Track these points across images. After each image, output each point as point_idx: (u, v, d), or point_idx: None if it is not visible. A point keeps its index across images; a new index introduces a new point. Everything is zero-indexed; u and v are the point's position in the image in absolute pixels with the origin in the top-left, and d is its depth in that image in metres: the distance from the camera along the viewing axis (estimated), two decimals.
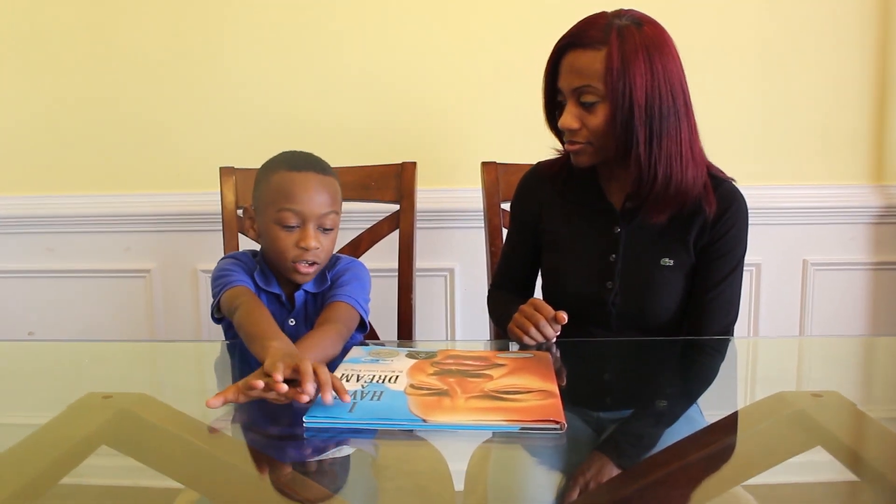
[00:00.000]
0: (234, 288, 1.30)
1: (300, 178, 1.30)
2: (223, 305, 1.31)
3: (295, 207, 1.28)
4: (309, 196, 1.29)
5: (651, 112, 1.26)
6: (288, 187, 1.29)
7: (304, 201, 1.28)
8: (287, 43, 2.11)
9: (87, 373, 1.30)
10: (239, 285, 1.31)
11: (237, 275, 1.33)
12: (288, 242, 1.29)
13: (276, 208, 1.29)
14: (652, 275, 1.38)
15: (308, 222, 1.29)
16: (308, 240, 1.28)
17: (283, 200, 1.29)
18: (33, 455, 0.91)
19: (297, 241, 1.29)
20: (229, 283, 1.31)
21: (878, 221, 2.16)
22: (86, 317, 2.24)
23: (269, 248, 1.34)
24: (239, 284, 1.31)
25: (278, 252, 1.31)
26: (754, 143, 2.13)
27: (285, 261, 1.31)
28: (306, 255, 1.29)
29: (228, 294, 1.30)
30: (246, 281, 1.33)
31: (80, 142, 2.18)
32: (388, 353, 1.21)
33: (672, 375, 1.31)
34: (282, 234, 1.29)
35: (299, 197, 1.28)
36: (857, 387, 1.24)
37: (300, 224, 1.29)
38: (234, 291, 1.29)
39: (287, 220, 1.29)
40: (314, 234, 1.29)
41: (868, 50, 2.10)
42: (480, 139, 2.11)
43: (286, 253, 1.30)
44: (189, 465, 0.91)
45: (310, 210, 1.29)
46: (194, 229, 2.17)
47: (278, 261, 1.32)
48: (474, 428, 0.94)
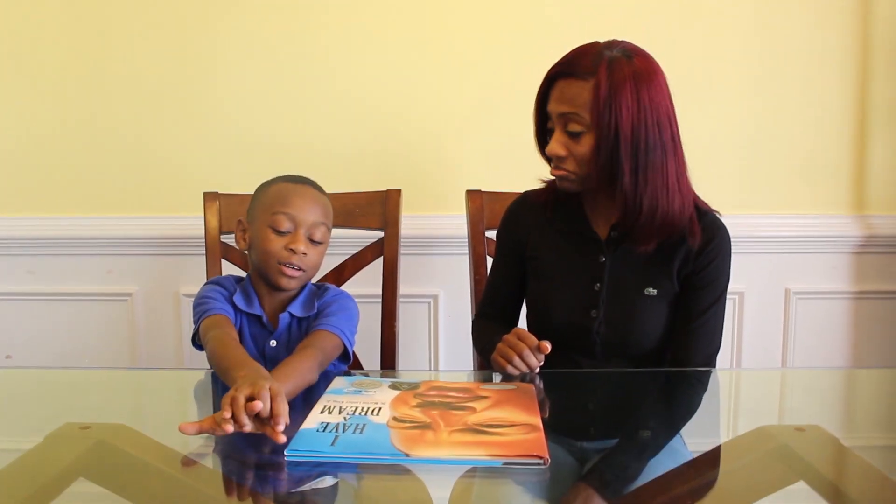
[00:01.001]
0: (210, 317, 1.32)
1: (297, 188, 1.37)
2: (201, 334, 1.32)
3: (289, 211, 1.33)
4: (303, 203, 1.34)
5: (637, 143, 1.26)
6: (284, 194, 1.35)
7: (298, 207, 1.33)
8: (273, 68, 2.11)
9: (65, 401, 1.29)
10: (215, 314, 1.33)
11: (215, 302, 1.35)
12: (278, 245, 1.32)
13: (270, 212, 1.34)
14: (636, 304, 1.38)
15: (300, 228, 1.33)
16: (298, 243, 1.32)
17: (279, 205, 1.34)
18: (12, 486, 0.90)
19: (287, 243, 1.32)
20: (206, 312, 1.33)
21: (859, 251, 2.18)
22: (66, 340, 2.22)
23: (258, 253, 1.35)
24: (215, 313, 1.33)
25: (267, 253, 1.33)
26: (737, 172, 2.15)
27: (272, 262, 1.33)
28: (293, 258, 1.32)
29: (205, 323, 1.32)
30: (224, 308, 1.35)
31: (63, 164, 2.16)
32: (371, 384, 1.21)
33: (655, 406, 1.31)
34: (273, 237, 1.33)
35: (294, 203, 1.34)
36: (840, 419, 1.25)
37: (292, 229, 1.33)
38: (210, 321, 1.31)
39: (280, 224, 1.33)
40: (304, 240, 1.33)
41: (849, 81, 2.12)
42: (465, 167, 2.12)
43: (275, 254, 1.32)
44: (167, 497, 0.91)
45: (303, 217, 1.33)
46: (177, 253, 2.16)
47: (265, 263, 1.34)
48: (457, 462, 0.94)
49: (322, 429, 1.00)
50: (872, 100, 2.12)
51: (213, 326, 1.29)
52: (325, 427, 1.00)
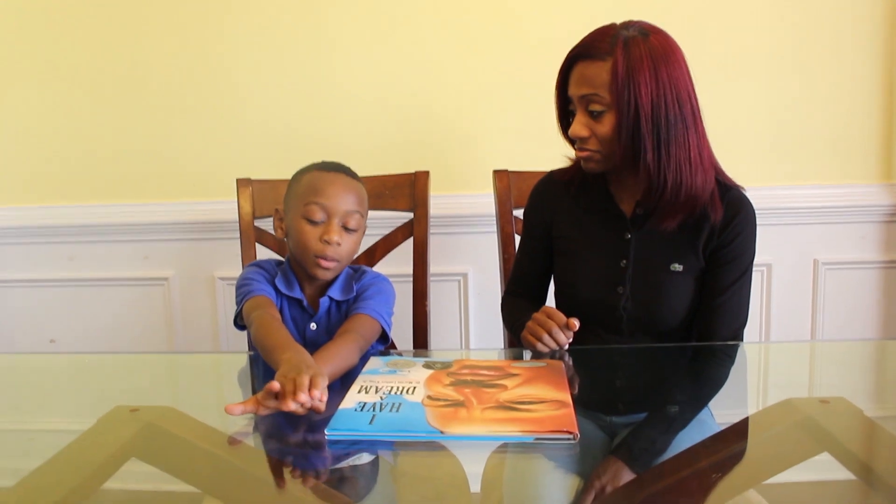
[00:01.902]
0: (253, 298, 1.34)
1: (329, 176, 1.36)
2: (244, 314, 1.34)
3: (321, 201, 1.33)
4: (336, 192, 1.34)
5: (657, 120, 1.28)
6: (316, 184, 1.35)
7: (330, 196, 1.34)
8: (301, 57, 2.14)
9: (114, 385, 1.34)
10: (258, 295, 1.35)
11: (258, 283, 1.37)
12: (312, 236, 1.34)
13: (304, 202, 1.34)
14: (662, 280, 1.40)
15: (333, 217, 1.34)
16: (331, 233, 1.33)
17: (312, 195, 1.34)
18: (72, 466, 0.95)
19: (321, 234, 1.33)
20: (250, 293, 1.35)
21: (888, 220, 2.16)
22: (106, 324, 2.28)
23: (294, 243, 1.37)
24: (259, 294, 1.35)
25: (302, 245, 1.35)
26: (764, 143, 2.15)
27: (308, 254, 1.35)
28: (328, 249, 1.33)
29: (248, 304, 1.34)
30: (266, 290, 1.37)
31: (100, 153, 2.21)
32: (406, 363, 1.24)
33: (683, 381, 1.33)
34: (307, 228, 1.34)
35: (326, 192, 1.34)
36: (865, 391, 1.26)
37: (325, 219, 1.34)
38: (253, 302, 1.33)
39: (313, 214, 1.33)
40: (338, 230, 1.34)
41: (877, 50, 2.10)
42: (492, 147, 2.14)
43: (310, 245, 1.34)
44: (212, 475, 0.94)
45: (335, 206, 1.34)
46: (212, 237, 2.20)
47: (302, 254, 1.36)
48: (490, 439, 0.97)
49: (360, 408, 1.03)
50: None
51: (257, 307, 1.31)
52: (363, 406, 1.04)
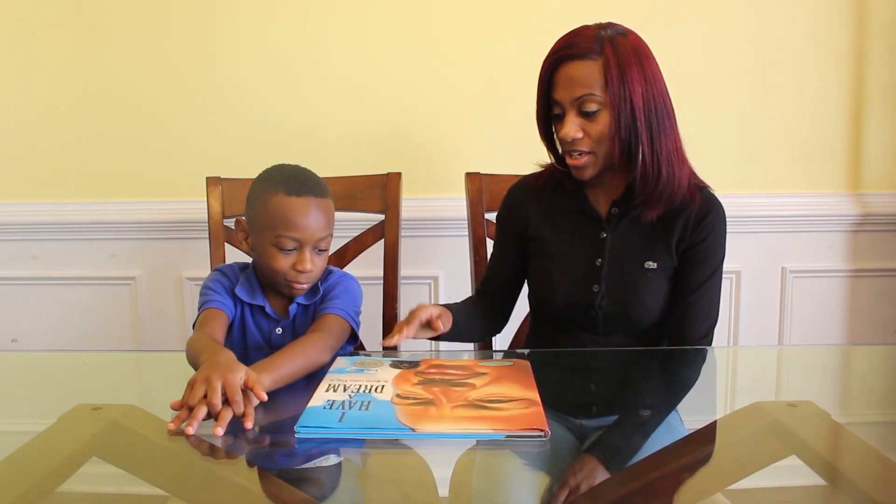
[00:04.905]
0: (206, 311, 1.33)
1: (299, 204, 1.30)
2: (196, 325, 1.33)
3: (293, 235, 1.30)
4: (307, 223, 1.30)
5: (649, 114, 1.32)
6: (286, 214, 1.30)
7: (302, 228, 1.30)
8: (274, 52, 2.12)
9: (75, 384, 1.31)
10: (210, 308, 1.33)
11: (214, 295, 1.36)
12: (284, 264, 1.31)
13: (274, 233, 1.30)
14: (636, 277, 1.41)
15: (305, 247, 1.31)
16: (304, 263, 1.31)
17: (282, 227, 1.30)
18: (30, 465, 0.92)
19: (294, 263, 1.31)
20: (204, 304, 1.35)
21: (855, 229, 2.20)
22: (70, 324, 2.24)
23: (264, 266, 1.35)
24: (211, 307, 1.34)
25: (273, 270, 1.33)
26: (733, 152, 2.17)
27: (279, 278, 1.33)
28: (301, 276, 1.32)
29: (201, 316, 1.33)
30: (222, 301, 1.35)
31: (66, 149, 2.18)
32: (373, 363, 1.23)
33: (652, 384, 1.33)
34: (279, 256, 1.31)
35: (298, 224, 1.30)
36: (832, 395, 1.27)
37: (297, 248, 1.31)
38: (203, 316, 1.32)
39: (285, 245, 1.30)
40: (310, 258, 1.32)
41: (845, 61, 2.14)
42: (465, 149, 2.13)
43: (282, 273, 1.32)
44: (176, 474, 0.93)
45: (308, 236, 1.31)
46: (180, 237, 2.17)
47: (272, 277, 1.34)
48: (462, 436, 0.96)
49: (329, 406, 1.03)
50: (867, 79, 2.14)
51: (202, 324, 1.30)
52: (332, 404, 1.03)
